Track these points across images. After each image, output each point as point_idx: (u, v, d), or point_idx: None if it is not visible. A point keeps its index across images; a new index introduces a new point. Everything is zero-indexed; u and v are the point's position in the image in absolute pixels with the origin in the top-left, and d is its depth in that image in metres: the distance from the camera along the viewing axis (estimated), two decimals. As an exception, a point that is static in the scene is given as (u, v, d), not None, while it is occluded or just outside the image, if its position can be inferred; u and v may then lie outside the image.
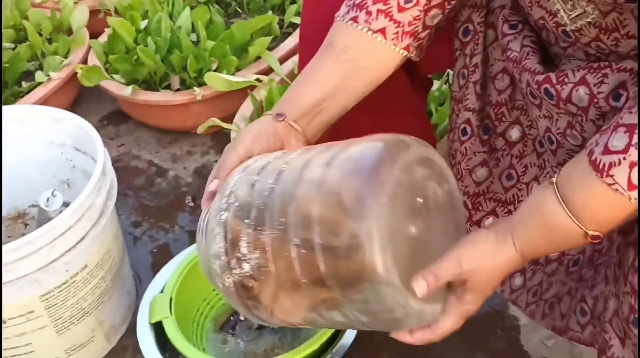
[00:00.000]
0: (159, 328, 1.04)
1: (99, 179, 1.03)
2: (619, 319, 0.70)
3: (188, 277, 1.10)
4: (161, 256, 1.31)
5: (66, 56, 1.67)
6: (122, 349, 1.17)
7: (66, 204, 1.07)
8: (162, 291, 1.08)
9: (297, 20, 1.67)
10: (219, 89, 1.47)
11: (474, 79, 0.88)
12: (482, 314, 1.17)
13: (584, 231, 0.65)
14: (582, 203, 0.64)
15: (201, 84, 1.51)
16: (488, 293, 0.71)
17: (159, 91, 1.56)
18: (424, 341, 0.71)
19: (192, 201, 1.46)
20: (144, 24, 1.66)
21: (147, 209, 1.46)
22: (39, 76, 1.59)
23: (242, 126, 1.39)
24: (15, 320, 1.02)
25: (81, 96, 1.75)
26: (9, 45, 1.72)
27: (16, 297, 0.99)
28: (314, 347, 0.97)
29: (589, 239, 0.65)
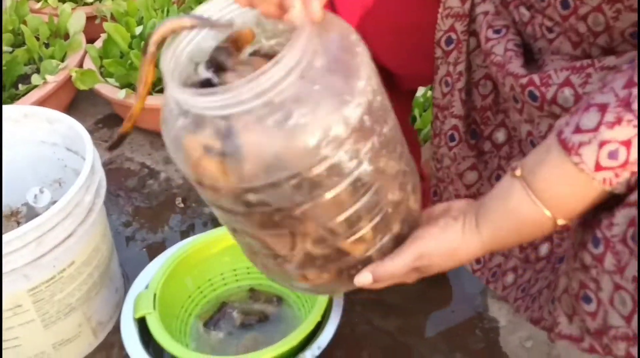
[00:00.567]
0: (143, 324, 1.06)
1: (87, 178, 1.05)
2: (568, 295, 0.70)
3: (173, 274, 1.12)
4: (151, 256, 1.32)
5: (63, 60, 1.69)
6: (109, 345, 1.18)
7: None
8: (147, 288, 1.10)
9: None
10: (211, 93, 1.49)
11: (458, 86, 0.89)
12: (462, 315, 1.20)
13: (550, 216, 0.65)
14: (548, 186, 0.64)
15: (193, 89, 1.53)
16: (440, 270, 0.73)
17: (152, 94, 1.59)
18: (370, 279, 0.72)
19: (183, 202, 1.48)
20: (139, 29, 1.69)
21: (138, 210, 1.48)
22: (35, 79, 1.61)
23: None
24: (2, 313, 1.03)
25: (77, 99, 1.78)
26: (7, 49, 1.74)
27: (4, 291, 1.00)
28: (294, 342, 0.98)
29: (554, 224, 0.66)
